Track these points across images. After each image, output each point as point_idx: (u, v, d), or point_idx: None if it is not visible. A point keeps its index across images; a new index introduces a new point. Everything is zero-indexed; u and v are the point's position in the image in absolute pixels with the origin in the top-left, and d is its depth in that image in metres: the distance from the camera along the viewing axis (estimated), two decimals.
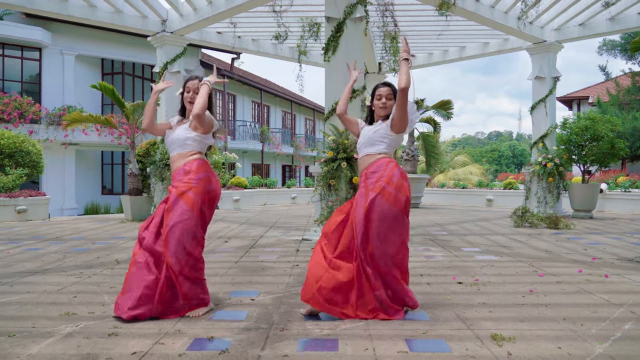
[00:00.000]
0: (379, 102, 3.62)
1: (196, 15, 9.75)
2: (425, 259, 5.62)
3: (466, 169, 27.43)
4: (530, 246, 6.61)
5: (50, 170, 16.26)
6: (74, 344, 2.79)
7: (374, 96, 3.67)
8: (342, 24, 7.02)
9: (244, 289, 4.15)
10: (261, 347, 2.75)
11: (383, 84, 3.68)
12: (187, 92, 3.63)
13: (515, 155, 66.39)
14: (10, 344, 2.80)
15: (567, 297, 3.88)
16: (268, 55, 12.93)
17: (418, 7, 10.48)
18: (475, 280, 4.47)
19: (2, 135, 10.79)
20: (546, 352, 2.68)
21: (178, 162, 3.55)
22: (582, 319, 3.27)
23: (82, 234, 7.97)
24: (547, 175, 10.65)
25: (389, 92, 3.61)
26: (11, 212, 9.92)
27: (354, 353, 2.67)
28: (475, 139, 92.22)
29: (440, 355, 2.64)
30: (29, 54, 17.92)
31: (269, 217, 11.00)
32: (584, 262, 5.43)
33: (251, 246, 6.64)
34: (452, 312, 3.44)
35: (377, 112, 3.65)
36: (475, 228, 8.82)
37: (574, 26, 10.93)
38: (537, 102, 11.35)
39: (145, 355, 2.63)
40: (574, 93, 27.33)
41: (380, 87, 3.66)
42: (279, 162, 30.14)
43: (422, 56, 14.21)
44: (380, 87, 3.66)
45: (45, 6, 8.96)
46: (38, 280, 4.49)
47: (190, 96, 3.61)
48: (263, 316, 3.35)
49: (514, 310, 3.51)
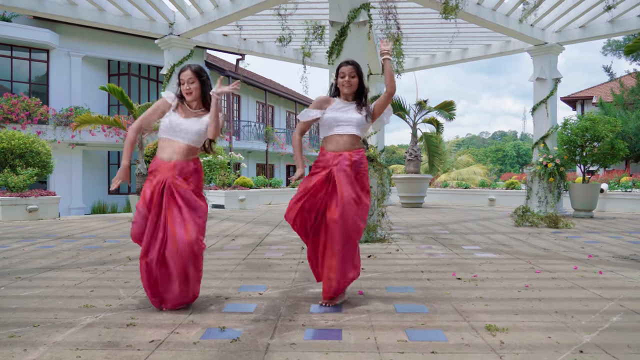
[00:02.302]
0: (343, 79, 3.73)
1: (203, 18, 9.95)
2: (426, 257, 5.80)
3: (470, 169, 27.51)
4: (530, 244, 6.78)
5: (58, 171, 16.50)
6: (95, 333, 2.99)
7: (337, 74, 3.78)
8: (346, 28, 7.21)
9: (252, 283, 4.35)
10: (270, 336, 2.94)
11: (346, 62, 3.78)
12: (182, 85, 3.65)
13: (519, 155, 66.38)
14: (35, 333, 3.00)
15: (560, 292, 4.06)
16: (273, 57, 13.14)
17: (420, 10, 10.66)
18: (474, 277, 4.65)
19: (13, 136, 11.01)
20: (537, 341, 2.86)
21: (184, 155, 3.58)
22: (573, 312, 3.45)
23: (93, 232, 8.18)
24: (548, 175, 10.82)
25: (352, 70, 3.73)
26: (22, 211, 10.15)
27: (356, 342, 2.86)
28: (480, 139, 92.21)
29: (437, 344, 2.83)
30: (36, 56, 18.19)
31: (274, 216, 11.20)
32: (581, 259, 5.60)
33: (258, 244, 6.84)
34: (450, 306, 3.62)
35: (342, 90, 3.77)
36: (476, 227, 9.00)
37: (575, 28, 11.09)
38: (539, 103, 11.52)
39: (162, 343, 2.83)
40: (578, 93, 27.43)
41: (344, 65, 3.76)
42: (283, 162, 30.37)
43: (425, 58, 14.39)
44: (344, 65, 3.76)
45: (56, 10, 9.19)
46: (55, 275, 4.69)
47: (186, 88, 3.63)
48: (271, 309, 3.54)
49: (509, 303, 3.69)
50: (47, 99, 18.20)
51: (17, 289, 4.12)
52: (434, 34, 12.41)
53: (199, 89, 3.66)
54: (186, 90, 3.64)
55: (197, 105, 3.72)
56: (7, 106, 16.15)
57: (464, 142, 68.62)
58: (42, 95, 18.20)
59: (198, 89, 3.65)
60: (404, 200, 14.86)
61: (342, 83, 3.75)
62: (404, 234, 7.88)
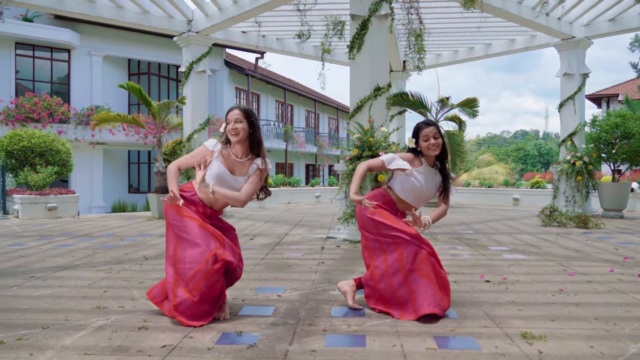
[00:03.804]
0: (427, 142, 3.45)
1: (221, 14, 9.83)
2: (451, 257, 5.57)
3: (491, 169, 27.01)
4: (559, 245, 6.49)
5: (79, 169, 16.58)
6: (105, 337, 2.84)
7: (418, 137, 3.49)
8: (367, 21, 7.00)
9: (270, 285, 4.18)
10: (289, 342, 2.76)
11: (425, 123, 3.50)
12: (228, 124, 3.28)
13: (541, 155, 65.27)
14: (44, 335, 2.86)
15: (598, 296, 3.80)
16: (292, 54, 12.98)
17: (443, 4, 10.38)
18: (503, 279, 4.41)
19: (33, 134, 11.04)
20: (578, 350, 2.63)
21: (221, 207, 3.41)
22: (614, 319, 3.21)
23: (111, 231, 8.11)
24: (576, 173, 10.45)
25: (435, 131, 3.46)
26: (42, 209, 10.14)
27: (381, 349, 2.66)
28: (501, 138, 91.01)
29: (469, 352, 2.62)
30: (58, 55, 18.31)
31: (293, 216, 11.04)
32: (616, 261, 5.31)
33: (276, 244, 6.67)
34: (480, 310, 3.40)
35: (428, 154, 3.49)
36: (501, 227, 8.71)
37: (604, 21, 10.70)
38: (566, 99, 11.14)
39: (175, 348, 2.67)
40: (603, 91, 26.76)
41: (424, 127, 3.48)
42: (302, 161, 30.21)
43: (448, 54, 14.08)
44: (424, 127, 3.48)
45: (74, 8, 9.15)
46: (69, 275, 4.59)
47: (232, 127, 3.26)
48: (290, 312, 3.36)
49: (543, 309, 3.45)
50: (69, 98, 18.32)
51: (29, 289, 4.01)
52: (456, 29, 12.11)
53: (247, 130, 3.27)
54: (232, 130, 3.25)
55: (243, 151, 3.32)
56: (29, 105, 16.27)
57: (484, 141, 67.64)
58: (63, 95, 18.32)
59: (246, 130, 3.26)
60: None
61: (428, 147, 3.44)
62: (426, 234, 7.64)
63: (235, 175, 3.28)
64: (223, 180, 3.26)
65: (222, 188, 3.26)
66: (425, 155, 3.51)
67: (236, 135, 3.26)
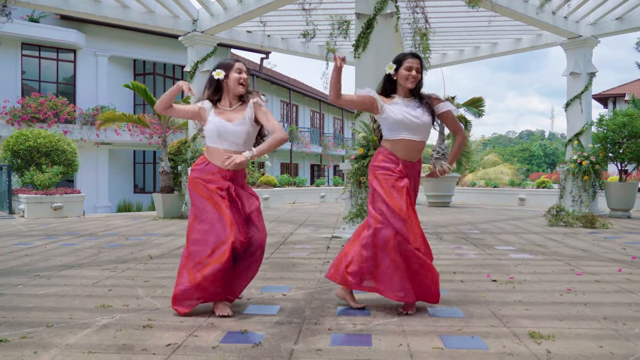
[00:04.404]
0: (409, 73, 3.32)
1: (226, 14, 9.82)
2: (457, 257, 5.53)
3: (497, 169, 26.91)
4: (567, 245, 6.44)
5: (84, 169, 16.63)
6: (109, 335, 2.83)
7: (400, 65, 3.35)
8: (373, 20, 6.97)
9: (275, 284, 4.16)
10: (294, 341, 2.73)
11: (412, 55, 3.37)
12: (239, 73, 3.31)
13: (547, 155, 65.01)
14: (48, 334, 2.85)
15: (607, 296, 3.76)
16: (297, 53, 12.95)
17: (449, 3, 10.34)
18: (510, 279, 4.38)
19: (39, 134, 11.07)
20: (587, 350, 2.59)
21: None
22: (624, 318, 3.16)
23: (116, 230, 8.11)
24: (583, 173, 10.38)
25: (419, 65, 3.35)
26: (48, 208, 10.17)
27: (387, 348, 2.63)
28: (507, 138, 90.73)
29: (476, 352, 2.58)
30: (64, 56, 18.38)
31: (298, 215, 11.02)
32: (624, 261, 5.26)
33: (281, 243, 6.65)
34: (487, 310, 3.37)
35: (403, 84, 3.36)
36: (508, 227, 8.66)
37: (611, 20, 10.62)
38: (572, 98, 11.06)
39: (180, 347, 2.65)
40: (610, 90, 26.64)
41: (410, 57, 3.34)
42: (307, 161, 30.21)
43: (453, 53, 14.02)
44: (410, 57, 3.34)
45: (80, 8, 9.15)
46: (74, 273, 4.58)
47: (244, 78, 3.32)
48: (295, 311, 3.34)
49: (551, 308, 3.41)
50: (74, 98, 18.39)
51: (34, 287, 4.00)
52: (462, 28, 12.05)
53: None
54: (242, 79, 3.32)
55: (235, 101, 3.40)
56: (35, 105, 16.34)
57: (490, 142, 67.45)
58: (69, 95, 18.39)
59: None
60: (431, 200, 14.52)
61: (407, 76, 3.32)
62: (432, 234, 7.60)
63: (233, 122, 3.30)
64: (225, 132, 3.28)
65: (226, 143, 3.28)
66: (400, 85, 3.40)
67: (244, 86, 3.33)
